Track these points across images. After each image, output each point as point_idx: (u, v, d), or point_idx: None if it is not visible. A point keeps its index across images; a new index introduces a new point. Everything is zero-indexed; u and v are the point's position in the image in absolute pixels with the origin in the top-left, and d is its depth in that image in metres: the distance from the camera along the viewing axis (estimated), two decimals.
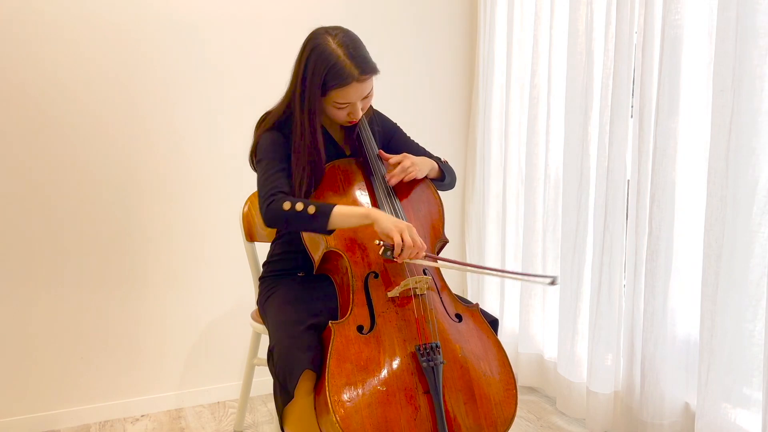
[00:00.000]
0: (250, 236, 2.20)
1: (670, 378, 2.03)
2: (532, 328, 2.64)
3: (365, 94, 1.68)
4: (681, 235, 2.00)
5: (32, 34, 2.26)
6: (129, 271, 2.46)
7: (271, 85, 2.53)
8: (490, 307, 2.90)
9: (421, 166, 1.80)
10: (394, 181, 1.72)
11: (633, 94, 2.12)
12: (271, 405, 2.58)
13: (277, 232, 1.95)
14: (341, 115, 1.71)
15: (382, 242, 1.54)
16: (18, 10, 2.23)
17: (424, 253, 1.52)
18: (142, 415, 2.51)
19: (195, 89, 2.49)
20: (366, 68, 1.64)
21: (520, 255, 2.73)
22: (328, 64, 1.61)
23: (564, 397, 2.42)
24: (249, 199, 2.23)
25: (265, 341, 2.31)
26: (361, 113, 1.71)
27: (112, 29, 2.35)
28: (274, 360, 1.57)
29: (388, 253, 1.52)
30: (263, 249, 2.15)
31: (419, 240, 1.52)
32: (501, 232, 2.83)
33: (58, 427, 2.40)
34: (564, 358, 2.41)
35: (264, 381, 2.60)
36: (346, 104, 1.67)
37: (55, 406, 2.39)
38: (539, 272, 2.60)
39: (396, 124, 2.01)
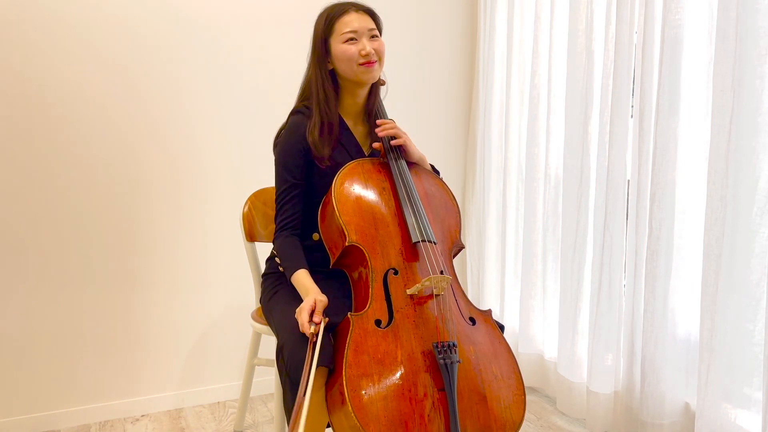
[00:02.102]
0: (251, 236, 2.20)
1: (670, 378, 2.03)
2: (532, 328, 2.64)
3: (370, 28, 1.80)
4: (681, 235, 2.00)
5: (41, 30, 2.26)
6: (129, 271, 2.46)
7: (276, 86, 2.55)
8: (491, 308, 2.89)
9: (412, 146, 1.87)
10: (390, 131, 1.81)
11: (633, 94, 2.12)
12: (271, 405, 2.58)
13: None
14: (353, 53, 1.77)
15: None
16: (27, 11, 2.23)
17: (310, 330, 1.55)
18: (142, 415, 2.51)
19: (198, 89, 2.49)
20: (360, 5, 1.84)
21: (520, 255, 2.73)
22: (328, 10, 1.84)
23: (564, 397, 2.42)
24: (249, 199, 2.23)
25: (265, 341, 2.31)
26: (373, 52, 1.78)
27: (120, 26, 2.35)
28: (284, 357, 1.57)
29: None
30: (263, 249, 2.15)
31: (305, 316, 1.56)
32: (501, 232, 2.83)
33: (58, 427, 2.40)
34: (564, 358, 2.41)
35: (264, 381, 2.60)
36: (353, 35, 1.77)
37: (55, 406, 2.39)
38: (539, 271, 2.60)
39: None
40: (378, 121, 1.83)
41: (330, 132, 1.82)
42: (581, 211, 2.32)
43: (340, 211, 1.67)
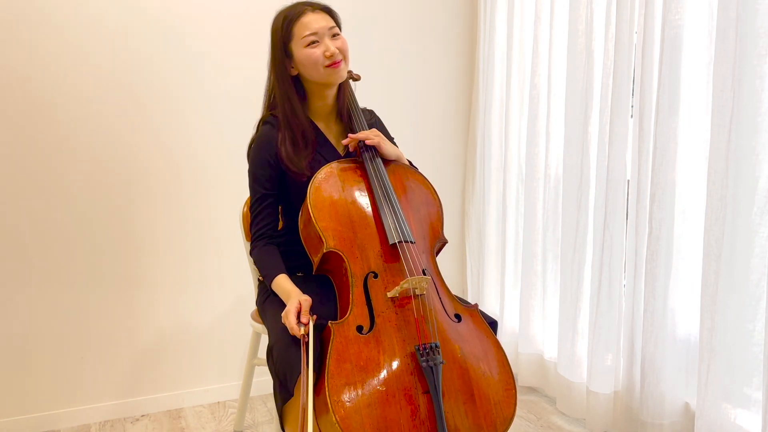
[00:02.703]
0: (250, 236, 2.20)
1: (670, 378, 2.03)
2: (532, 328, 2.64)
3: (330, 27, 1.76)
4: (681, 235, 2.00)
5: (36, 36, 2.26)
6: (129, 271, 2.46)
7: None
8: (490, 308, 2.90)
9: (387, 144, 1.82)
10: (361, 136, 1.77)
11: (633, 94, 2.12)
12: (271, 405, 2.58)
13: None
14: (317, 57, 1.73)
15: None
16: (23, 13, 2.23)
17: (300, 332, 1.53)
18: (142, 415, 2.51)
19: (195, 90, 2.49)
20: (315, 4, 1.79)
21: (520, 255, 2.73)
22: (283, 13, 1.79)
23: (564, 397, 2.42)
24: (249, 199, 2.23)
25: (265, 341, 2.31)
26: (336, 52, 1.74)
27: (114, 31, 2.35)
28: (273, 358, 1.57)
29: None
30: None
31: (292, 319, 1.55)
32: (501, 232, 2.83)
33: (58, 427, 2.40)
34: (564, 358, 2.41)
35: (264, 381, 2.60)
36: (313, 36, 1.73)
37: (55, 406, 2.39)
38: (539, 271, 2.60)
39: (393, 138, 2.01)
40: (344, 142, 1.79)
41: (305, 143, 1.79)
42: (581, 211, 2.32)
43: (316, 217, 1.65)
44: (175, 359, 2.56)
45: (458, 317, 1.64)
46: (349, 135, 1.78)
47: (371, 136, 1.78)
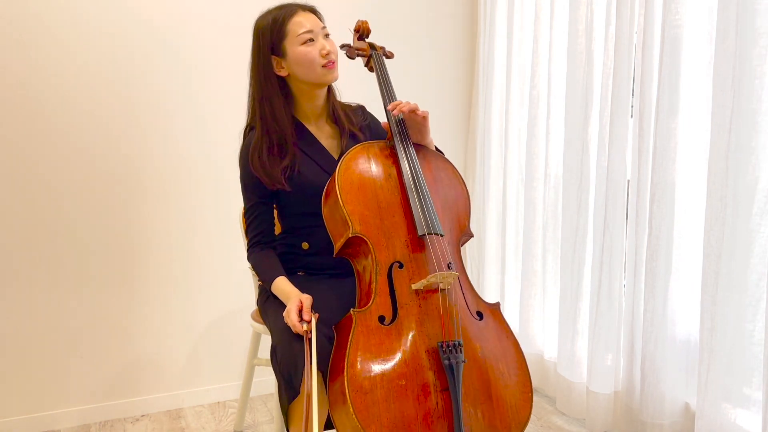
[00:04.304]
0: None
1: (670, 378, 2.03)
2: (532, 328, 2.64)
3: (322, 27, 1.73)
4: (681, 235, 2.00)
5: (31, 40, 2.26)
6: (129, 271, 2.46)
7: None
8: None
9: (428, 131, 1.76)
10: (404, 107, 1.68)
11: (633, 94, 2.12)
12: (271, 405, 2.58)
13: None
14: (314, 56, 1.70)
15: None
16: (18, 16, 2.23)
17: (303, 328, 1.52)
18: (142, 415, 2.51)
19: (192, 91, 2.49)
20: (304, 5, 1.76)
21: (520, 255, 2.73)
22: (271, 13, 1.74)
23: (564, 397, 2.42)
24: None
25: (265, 341, 2.31)
26: (333, 51, 1.72)
27: (107, 34, 2.35)
28: (278, 357, 1.56)
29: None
30: None
31: (294, 317, 1.55)
32: (501, 232, 2.83)
33: (58, 427, 2.40)
34: (564, 358, 2.41)
35: (264, 381, 2.60)
36: (310, 34, 1.70)
37: (55, 406, 2.39)
38: (539, 271, 2.60)
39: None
40: (394, 112, 1.69)
41: (282, 151, 1.75)
42: (581, 211, 2.32)
43: (343, 199, 1.59)
44: (175, 359, 2.56)
45: (480, 315, 1.60)
46: (394, 103, 1.69)
47: (418, 106, 1.69)
